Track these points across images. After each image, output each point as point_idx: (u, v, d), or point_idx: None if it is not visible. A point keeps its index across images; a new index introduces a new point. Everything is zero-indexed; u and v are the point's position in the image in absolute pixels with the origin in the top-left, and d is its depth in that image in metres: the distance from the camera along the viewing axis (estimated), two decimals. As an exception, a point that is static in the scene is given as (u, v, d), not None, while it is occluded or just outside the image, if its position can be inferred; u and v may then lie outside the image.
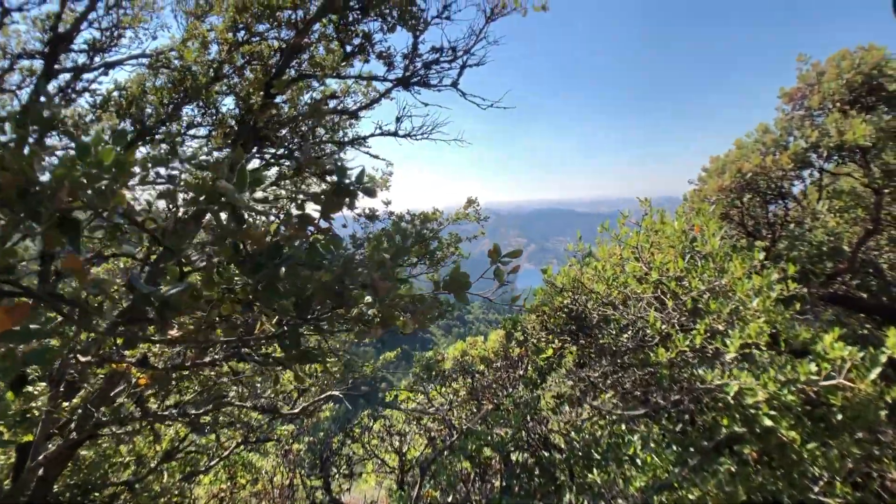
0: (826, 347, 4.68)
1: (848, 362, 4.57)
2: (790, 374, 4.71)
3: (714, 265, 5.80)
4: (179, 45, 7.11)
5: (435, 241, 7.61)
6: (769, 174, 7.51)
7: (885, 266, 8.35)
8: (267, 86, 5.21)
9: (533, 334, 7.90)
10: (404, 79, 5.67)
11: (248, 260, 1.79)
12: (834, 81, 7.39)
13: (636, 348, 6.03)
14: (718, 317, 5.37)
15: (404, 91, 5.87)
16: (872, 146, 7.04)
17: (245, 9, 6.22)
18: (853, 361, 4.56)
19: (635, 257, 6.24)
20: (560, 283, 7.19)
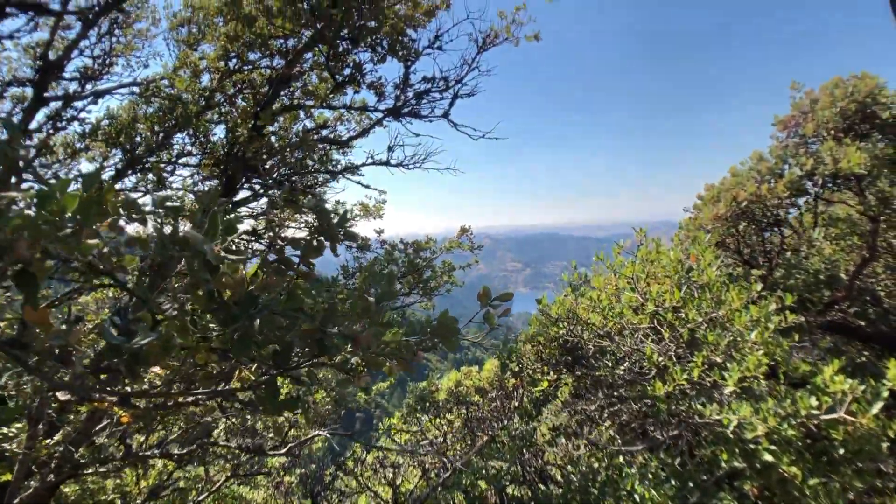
0: (826, 380, 4.58)
1: (849, 396, 4.48)
2: (790, 408, 4.62)
3: (711, 295, 5.72)
4: (171, 73, 7.08)
5: (428, 269, 7.51)
6: (765, 202, 7.47)
7: (882, 293, 8.28)
8: (255, 116, 5.16)
9: (528, 365, 7.78)
10: (395, 109, 5.62)
11: (223, 309, 1.69)
12: (828, 109, 7.38)
13: (633, 381, 5.92)
14: (716, 348, 5.28)
15: (395, 121, 5.83)
16: (867, 174, 7.00)
17: (237, 38, 6.19)
18: (854, 395, 4.47)
19: (631, 287, 6.15)
20: (555, 314, 7.08)
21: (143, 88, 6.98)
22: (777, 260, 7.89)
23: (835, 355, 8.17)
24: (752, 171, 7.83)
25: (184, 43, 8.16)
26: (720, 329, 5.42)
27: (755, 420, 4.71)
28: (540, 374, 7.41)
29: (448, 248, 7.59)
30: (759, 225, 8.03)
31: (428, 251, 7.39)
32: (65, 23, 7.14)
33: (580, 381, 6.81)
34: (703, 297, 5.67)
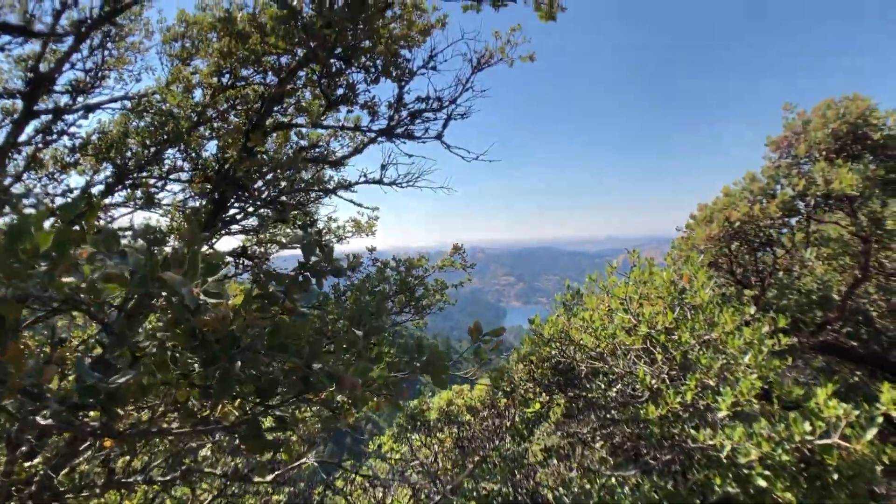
0: (821, 405, 4.55)
1: (843, 421, 4.44)
2: (784, 432, 4.58)
3: (704, 317, 5.68)
4: (163, 88, 7.04)
5: (420, 288, 7.44)
6: (757, 222, 7.46)
7: (874, 313, 8.27)
8: (246, 135, 5.11)
9: (520, 384, 7.72)
10: (388, 129, 5.58)
11: (204, 348, 1.63)
12: (820, 131, 7.41)
13: (625, 402, 5.87)
14: (709, 371, 5.24)
15: (389, 142, 5.79)
16: (860, 195, 7.01)
17: (230, 54, 6.15)
18: (849, 420, 4.44)
19: (624, 308, 6.11)
20: (548, 334, 7.04)
21: (134, 103, 6.92)
22: (770, 280, 7.88)
23: (827, 376, 8.19)
24: (744, 192, 7.84)
25: (177, 58, 8.12)
26: (713, 351, 5.38)
27: (749, 445, 4.67)
28: (532, 395, 7.35)
29: (441, 267, 7.52)
30: (751, 245, 8.03)
31: (420, 269, 7.32)
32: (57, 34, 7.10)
33: (572, 403, 6.75)
34: (696, 318, 5.63)
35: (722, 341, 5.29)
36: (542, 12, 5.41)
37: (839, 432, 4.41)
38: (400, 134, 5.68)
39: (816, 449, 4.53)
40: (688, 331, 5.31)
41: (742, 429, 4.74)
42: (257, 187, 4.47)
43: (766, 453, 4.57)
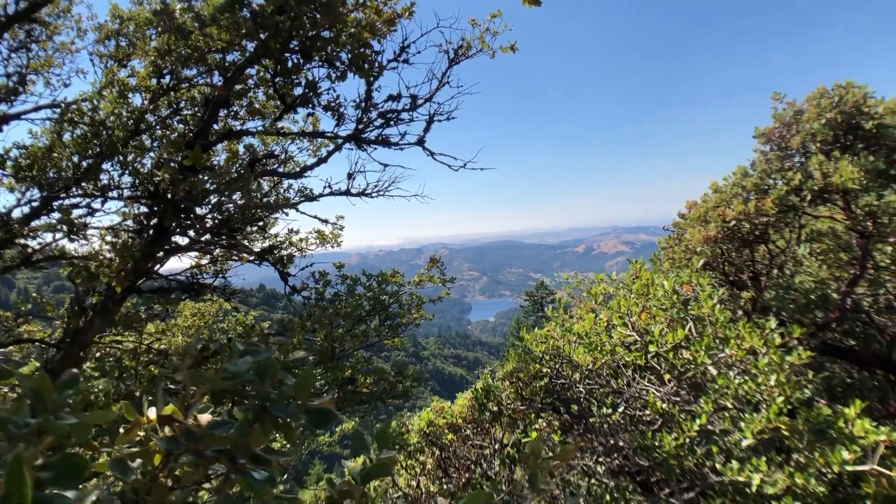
0: (855, 429, 4.07)
1: (881, 446, 3.96)
2: (820, 460, 4.08)
3: (713, 330, 5.16)
4: (94, 93, 6.21)
5: (395, 305, 6.76)
6: (752, 220, 6.99)
7: (871, 310, 7.91)
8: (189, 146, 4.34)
9: (507, 404, 7.13)
10: (356, 134, 4.86)
11: None
12: (815, 121, 6.96)
13: (632, 427, 5.32)
14: (725, 393, 4.71)
15: (358, 150, 5.07)
16: (861, 188, 6.59)
17: (169, 52, 5.37)
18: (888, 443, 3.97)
19: (624, 323, 5.55)
20: (539, 352, 6.46)
21: (62, 111, 6.07)
22: (766, 280, 7.43)
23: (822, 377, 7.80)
24: (735, 188, 7.36)
25: (111, 58, 7.26)
26: (726, 368, 4.88)
27: (779, 476, 4.15)
28: (521, 416, 6.77)
29: (418, 282, 6.85)
30: (745, 243, 7.57)
31: (394, 285, 6.65)
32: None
33: (570, 426, 6.18)
34: (706, 332, 5.11)
35: (739, 359, 4.77)
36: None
37: (877, 458, 3.93)
38: (372, 140, 4.96)
39: (847, 475, 4.09)
40: (702, 350, 4.75)
41: (771, 459, 4.27)
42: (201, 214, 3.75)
43: (800, 484, 4.07)
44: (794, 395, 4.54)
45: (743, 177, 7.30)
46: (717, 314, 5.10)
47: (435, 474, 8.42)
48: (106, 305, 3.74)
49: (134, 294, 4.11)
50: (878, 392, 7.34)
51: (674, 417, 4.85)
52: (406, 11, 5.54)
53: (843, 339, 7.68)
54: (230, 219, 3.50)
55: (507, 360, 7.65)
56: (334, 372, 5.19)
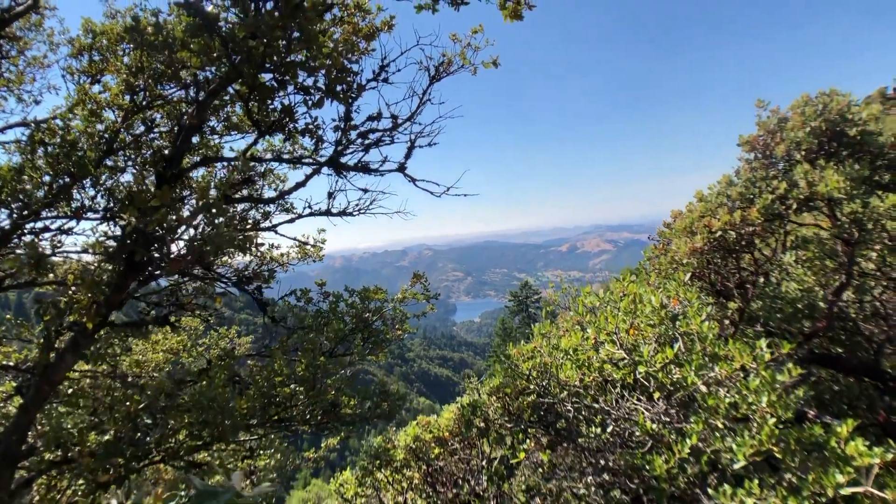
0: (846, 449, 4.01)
1: (875, 467, 3.90)
2: (814, 485, 4.02)
3: (701, 346, 5.09)
4: (66, 112, 6.03)
5: (379, 321, 6.63)
6: (738, 230, 6.94)
7: (855, 315, 7.90)
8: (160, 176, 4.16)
9: (495, 419, 7.03)
10: (334, 158, 4.69)
11: None
12: (800, 130, 6.93)
13: (621, 445, 5.25)
14: (716, 412, 4.63)
15: (337, 176, 4.91)
16: (847, 197, 6.56)
17: (141, 70, 5.22)
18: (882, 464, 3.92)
19: (611, 340, 5.47)
20: (526, 369, 6.36)
21: (32, 131, 5.88)
22: (753, 290, 7.38)
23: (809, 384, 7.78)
24: (720, 197, 7.32)
25: (83, 73, 7.08)
26: (716, 386, 4.81)
27: (773, 500, 4.09)
28: (509, 434, 6.67)
29: (401, 300, 6.73)
30: (731, 252, 7.53)
31: (377, 301, 6.52)
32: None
33: (558, 444, 6.09)
34: (694, 349, 5.05)
35: (730, 377, 4.71)
36: (508, 10, 4.70)
37: (871, 479, 3.88)
38: (352, 167, 4.81)
39: (841, 499, 4.04)
40: (692, 370, 4.67)
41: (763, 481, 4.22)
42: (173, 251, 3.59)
43: (791, 509, 4.01)
44: (786, 415, 4.49)
45: (728, 186, 7.25)
46: (706, 331, 5.03)
47: (422, 489, 8.31)
48: (76, 341, 3.60)
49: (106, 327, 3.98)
50: (866, 400, 7.33)
51: (664, 438, 4.78)
52: (385, 25, 5.42)
53: (830, 346, 7.67)
54: (203, 255, 3.36)
55: (494, 375, 7.55)
56: (317, 398, 5.06)
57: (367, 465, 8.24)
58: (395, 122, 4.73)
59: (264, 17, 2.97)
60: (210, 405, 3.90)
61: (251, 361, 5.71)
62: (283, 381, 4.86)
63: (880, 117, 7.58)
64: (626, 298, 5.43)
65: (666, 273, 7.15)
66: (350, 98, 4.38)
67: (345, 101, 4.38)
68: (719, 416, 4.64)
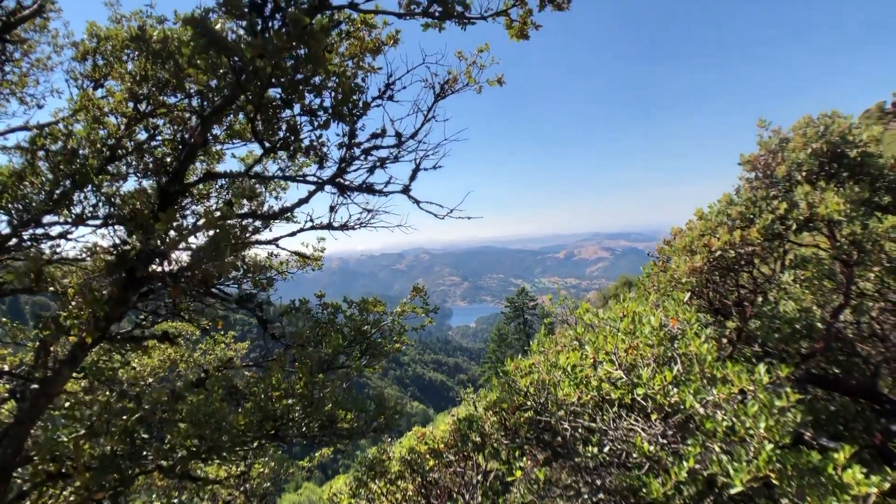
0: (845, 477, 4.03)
1: (873, 496, 3.92)
2: (813, 513, 4.04)
3: (699, 368, 5.10)
4: (68, 118, 6.03)
5: (378, 333, 6.62)
6: (737, 249, 6.96)
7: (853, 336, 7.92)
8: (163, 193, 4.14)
9: (491, 434, 7.02)
10: (339, 174, 4.68)
11: None
12: (801, 151, 6.95)
13: (618, 466, 5.24)
14: (713, 435, 4.64)
15: (341, 196, 4.91)
16: (846, 219, 6.58)
17: (145, 78, 5.21)
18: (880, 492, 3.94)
19: (609, 360, 5.47)
20: (524, 385, 6.36)
21: (35, 136, 5.86)
22: (751, 309, 7.39)
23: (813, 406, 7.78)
24: (720, 215, 7.32)
25: (87, 78, 7.07)
26: (714, 408, 4.81)
27: (768, 527, 4.09)
28: (505, 450, 6.66)
29: (401, 313, 6.72)
30: (730, 271, 7.54)
31: (376, 314, 6.51)
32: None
33: (555, 462, 6.09)
34: (693, 371, 5.05)
35: (727, 399, 4.71)
36: (514, 30, 4.71)
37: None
38: (356, 187, 4.81)
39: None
40: (690, 394, 4.67)
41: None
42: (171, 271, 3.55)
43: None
44: (784, 440, 4.49)
45: (728, 205, 7.26)
46: (705, 353, 5.03)
47: (416, 501, 8.29)
48: (74, 354, 3.58)
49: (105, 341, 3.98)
50: (863, 422, 7.33)
51: (661, 461, 4.77)
52: (391, 39, 5.42)
53: (827, 367, 7.68)
54: (207, 279, 3.36)
55: (491, 389, 7.54)
56: (314, 412, 5.05)
57: (361, 476, 8.21)
58: (400, 139, 4.73)
59: (272, 39, 2.97)
60: (207, 421, 3.89)
61: (249, 373, 5.70)
62: (280, 396, 4.85)
63: (881, 139, 7.62)
64: (625, 319, 5.43)
65: (665, 290, 7.16)
66: (356, 117, 4.37)
67: (350, 123, 4.37)
68: (716, 440, 4.65)
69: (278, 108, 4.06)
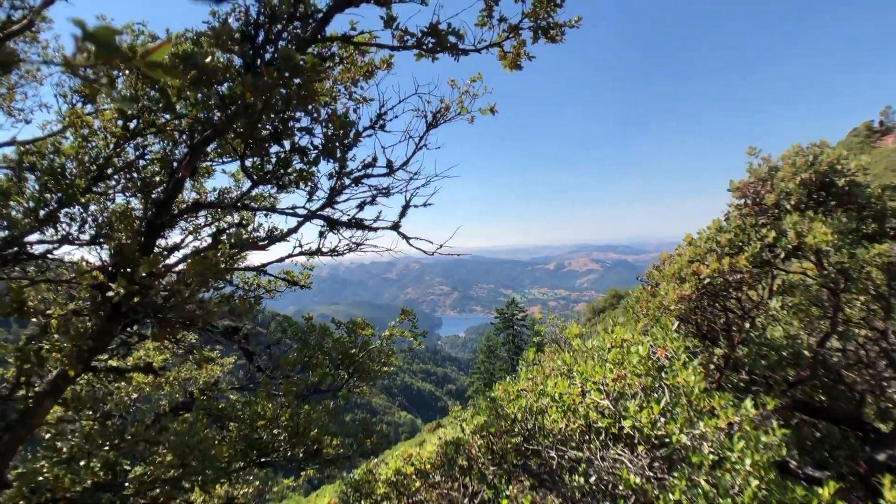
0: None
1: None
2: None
3: (686, 401, 5.10)
4: (57, 135, 5.98)
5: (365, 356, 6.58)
6: (726, 276, 6.99)
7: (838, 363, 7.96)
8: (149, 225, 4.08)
9: (478, 458, 6.99)
10: (328, 207, 4.65)
11: None
12: (790, 181, 7.00)
13: (605, 497, 5.22)
14: (699, 468, 4.63)
15: (331, 232, 4.89)
16: (834, 248, 6.64)
17: (135, 98, 5.17)
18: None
19: (597, 389, 5.46)
20: (511, 412, 6.34)
21: (22, 151, 5.80)
22: (738, 336, 7.41)
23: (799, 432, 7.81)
24: (709, 242, 7.36)
25: (76, 93, 7.02)
26: (700, 440, 4.81)
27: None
28: (492, 475, 6.62)
29: (389, 336, 6.68)
30: (720, 299, 7.58)
31: (363, 337, 6.47)
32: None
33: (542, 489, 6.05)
34: (680, 403, 5.05)
35: (713, 433, 4.71)
36: (507, 61, 4.72)
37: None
38: (345, 223, 4.77)
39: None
40: (677, 428, 4.67)
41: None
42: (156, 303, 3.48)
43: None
44: (769, 476, 4.50)
45: (717, 231, 7.30)
46: (692, 385, 5.04)
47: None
48: (56, 384, 3.52)
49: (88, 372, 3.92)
50: (848, 449, 7.36)
51: (647, 493, 4.76)
52: (385, 63, 5.42)
53: (814, 394, 7.71)
54: (192, 321, 3.31)
55: (479, 412, 7.51)
56: (300, 440, 5.00)
57: (347, 497, 8.14)
58: (391, 167, 4.71)
59: (262, 77, 2.95)
60: (192, 451, 3.84)
61: (234, 396, 5.64)
62: (265, 425, 4.81)
63: (868, 168, 7.69)
64: (613, 350, 5.43)
65: (654, 316, 7.17)
66: (347, 149, 4.35)
67: (341, 160, 4.34)
68: (702, 473, 4.65)
69: (268, 142, 4.02)
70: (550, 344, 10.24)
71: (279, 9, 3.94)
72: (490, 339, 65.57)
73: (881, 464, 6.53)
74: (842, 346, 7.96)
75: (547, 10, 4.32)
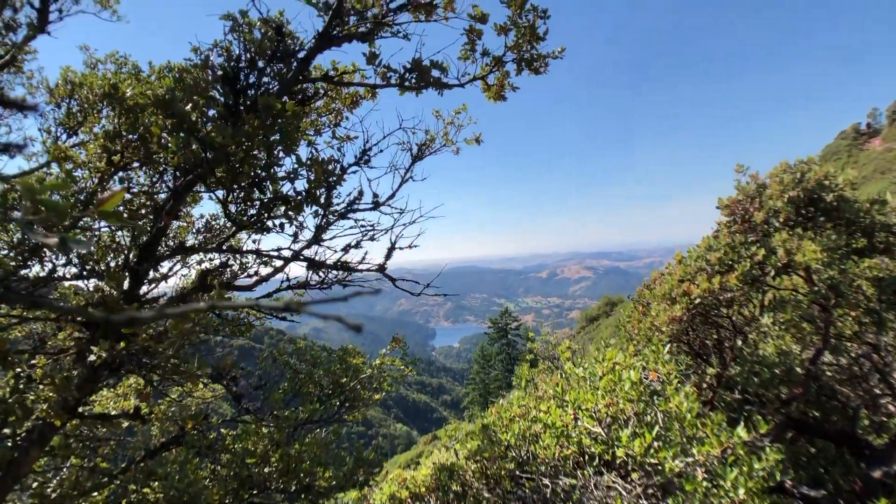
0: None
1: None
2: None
3: (679, 426, 5.08)
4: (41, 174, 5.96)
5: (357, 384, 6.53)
6: (716, 296, 7.00)
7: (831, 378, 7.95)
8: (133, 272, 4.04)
9: (472, 484, 6.93)
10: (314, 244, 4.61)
11: None
12: (779, 199, 7.02)
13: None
14: (692, 496, 4.61)
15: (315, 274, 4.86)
16: (825, 266, 6.66)
17: (119, 135, 5.15)
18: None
19: (589, 416, 5.43)
20: (505, 440, 6.30)
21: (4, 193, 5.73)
22: (730, 354, 7.40)
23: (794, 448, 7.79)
24: (699, 261, 7.36)
25: (61, 125, 6.98)
26: (693, 466, 4.79)
27: None
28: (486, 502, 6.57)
29: (379, 365, 6.64)
30: (709, 316, 7.57)
31: (353, 367, 6.42)
32: None
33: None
34: (673, 429, 5.03)
35: (705, 460, 4.69)
36: (491, 93, 4.72)
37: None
38: (331, 266, 4.74)
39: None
40: (670, 456, 4.65)
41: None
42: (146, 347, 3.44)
43: None
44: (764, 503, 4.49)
45: (707, 250, 7.30)
46: (685, 411, 5.03)
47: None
48: (43, 433, 3.47)
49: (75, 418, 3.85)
50: (843, 465, 7.35)
51: (642, 523, 4.73)
52: (369, 93, 5.42)
53: (807, 410, 7.70)
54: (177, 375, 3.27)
55: (473, 437, 7.46)
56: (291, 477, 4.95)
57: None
58: (377, 201, 4.69)
59: (243, 127, 2.93)
60: (183, 495, 3.78)
61: (225, 430, 5.58)
62: (256, 462, 4.75)
63: (857, 183, 7.72)
64: (605, 378, 5.41)
65: (645, 335, 7.16)
66: (331, 188, 4.32)
67: (325, 206, 4.31)
68: (696, 501, 4.62)
69: (251, 189, 3.99)
70: (544, 361, 10.23)
71: (263, 44, 3.94)
72: (484, 349, 65.45)
73: (876, 481, 6.51)
74: (835, 360, 7.96)
75: (530, 42, 4.32)
